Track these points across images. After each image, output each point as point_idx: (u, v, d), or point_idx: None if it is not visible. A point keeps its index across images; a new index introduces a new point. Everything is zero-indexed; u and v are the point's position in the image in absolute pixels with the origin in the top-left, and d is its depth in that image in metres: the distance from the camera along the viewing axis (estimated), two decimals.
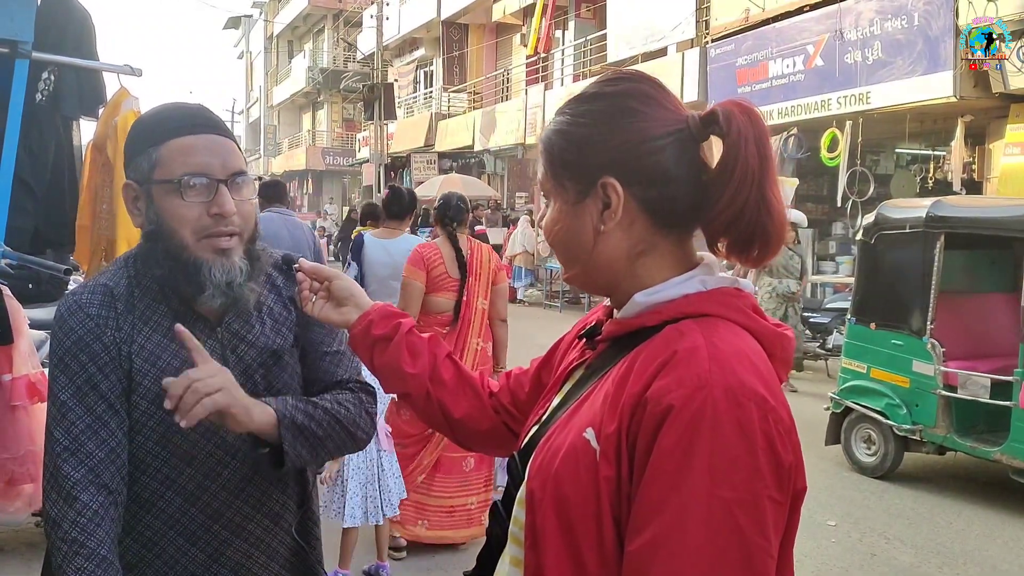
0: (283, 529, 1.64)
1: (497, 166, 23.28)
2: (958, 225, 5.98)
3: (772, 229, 1.11)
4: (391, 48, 29.07)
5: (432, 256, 4.69)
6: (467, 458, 4.73)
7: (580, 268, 1.19)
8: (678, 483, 0.98)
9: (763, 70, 12.60)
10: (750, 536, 0.97)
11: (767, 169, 1.10)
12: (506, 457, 1.31)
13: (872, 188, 11.74)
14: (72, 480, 1.44)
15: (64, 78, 3.81)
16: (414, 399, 1.48)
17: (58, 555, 1.44)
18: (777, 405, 1.02)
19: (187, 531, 1.55)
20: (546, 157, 1.19)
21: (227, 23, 53.89)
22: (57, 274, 3.59)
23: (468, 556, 4.48)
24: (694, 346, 1.04)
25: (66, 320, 1.51)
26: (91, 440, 1.46)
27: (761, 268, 12.09)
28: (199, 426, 1.48)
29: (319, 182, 41.69)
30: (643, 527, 0.99)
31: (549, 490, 1.07)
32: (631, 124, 1.12)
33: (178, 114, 1.55)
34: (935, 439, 5.95)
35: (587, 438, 1.06)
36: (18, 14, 2.90)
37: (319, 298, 1.54)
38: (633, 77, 1.18)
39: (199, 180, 1.49)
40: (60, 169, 3.93)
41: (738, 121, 1.10)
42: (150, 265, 1.54)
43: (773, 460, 1.00)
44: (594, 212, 1.14)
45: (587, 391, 1.15)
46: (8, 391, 3.37)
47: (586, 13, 19.78)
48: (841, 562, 4.84)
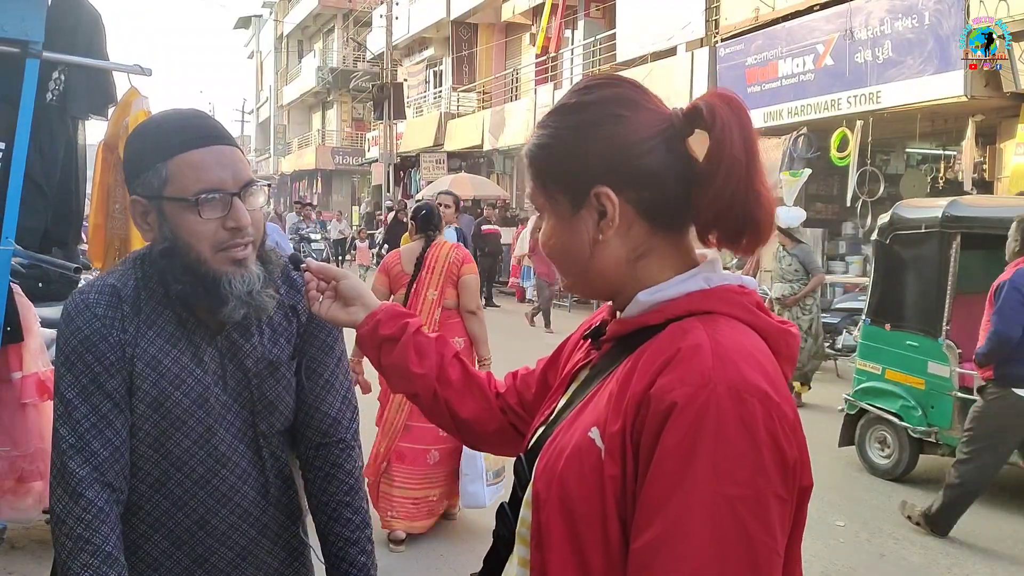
0: (270, 540, 1.64)
1: (506, 166, 23.28)
2: (974, 225, 5.95)
3: (761, 218, 1.11)
4: (400, 48, 29.08)
5: (391, 260, 5.06)
6: (431, 451, 4.82)
7: (580, 278, 1.19)
8: (682, 480, 0.97)
9: (773, 69, 12.57)
10: (755, 533, 0.97)
11: (753, 158, 1.10)
12: (512, 456, 1.31)
13: (882, 188, 11.70)
14: (77, 477, 1.45)
15: (74, 78, 3.82)
16: (421, 399, 1.48)
17: (63, 551, 1.45)
18: (781, 401, 1.02)
19: (172, 535, 1.56)
20: (533, 172, 1.19)
21: (237, 23, 54.07)
22: (67, 272, 3.61)
23: (468, 549, 4.47)
24: (697, 343, 1.03)
25: (73, 319, 1.51)
26: (96, 439, 1.48)
27: (755, 264, 11.68)
28: (191, 433, 1.51)
29: (328, 181, 41.75)
30: (647, 525, 0.99)
31: (554, 490, 1.07)
32: (616, 131, 1.12)
33: (182, 127, 1.53)
34: (950, 441, 5.87)
35: (592, 437, 1.06)
36: (29, 14, 2.91)
37: (326, 298, 1.54)
38: (611, 82, 1.17)
39: (214, 196, 1.48)
40: (69, 168, 3.95)
41: (721, 113, 1.10)
42: (168, 280, 1.53)
43: (778, 457, 0.99)
44: (590, 223, 1.14)
45: (592, 391, 1.15)
46: (19, 389, 3.39)
47: (595, 13, 19.76)
48: (850, 562, 4.82)
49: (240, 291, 1.50)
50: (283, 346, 1.64)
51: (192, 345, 1.55)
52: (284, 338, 1.65)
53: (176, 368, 1.53)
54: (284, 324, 1.66)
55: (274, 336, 1.64)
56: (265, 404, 1.61)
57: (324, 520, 1.69)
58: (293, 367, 1.66)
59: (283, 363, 1.64)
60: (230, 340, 1.59)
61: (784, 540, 1.02)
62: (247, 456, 1.59)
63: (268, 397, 1.62)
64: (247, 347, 1.60)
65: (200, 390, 1.54)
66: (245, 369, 1.59)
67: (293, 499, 1.70)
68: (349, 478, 1.71)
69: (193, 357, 1.55)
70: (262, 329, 1.62)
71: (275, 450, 1.66)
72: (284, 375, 1.64)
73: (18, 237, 3.13)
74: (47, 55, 3.11)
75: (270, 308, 1.56)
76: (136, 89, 4.06)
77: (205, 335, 1.57)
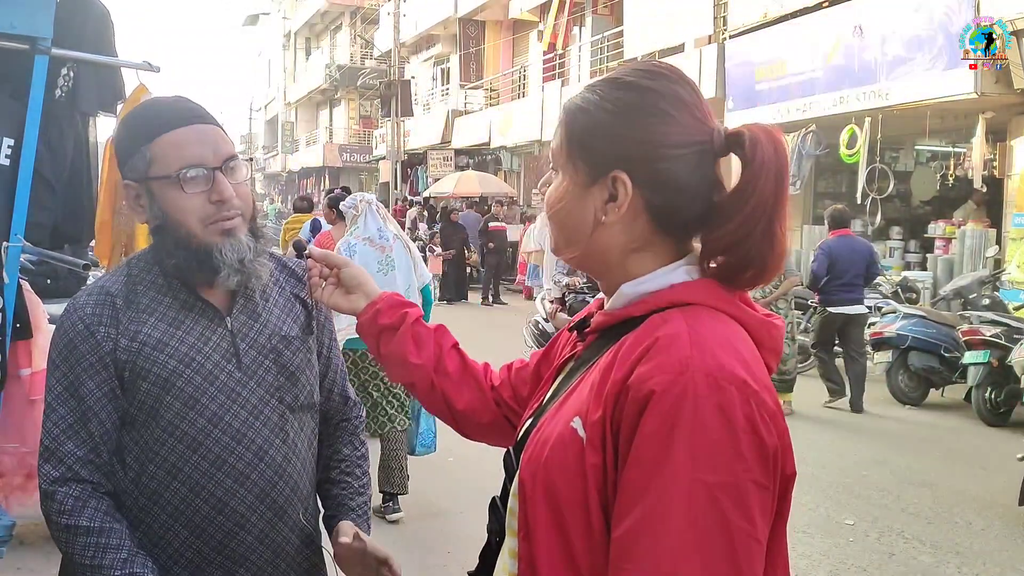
0: (286, 524, 1.65)
1: (513, 163, 23.28)
2: None
3: (770, 260, 1.11)
4: (408, 45, 29.10)
5: (325, 239, 6.22)
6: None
7: (575, 250, 1.19)
8: (660, 468, 0.98)
9: (781, 67, 12.52)
10: (733, 520, 0.97)
11: (780, 201, 1.10)
12: (503, 447, 1.32)
13: (891, 185, 11.66)
14: (50, 478, 1.54)
15: (83, 74, 3.82)
16: (418, 388, 1.51)
17: (62, 544, 1.54)
18: (760, 389, 1.02)
19: (191, 523, 1.58)
20: (566, 130, 1.18)
21: (245, 20, 54.20)
22: (76, 269, 3.61)
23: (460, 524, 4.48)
24: (676, 332, 1.04)
25: (61, 324, 1.59)
26: (71, 440, 1.54)
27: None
28: (205, 411, 1.55)
29: (336, 179, 41.77)
30: (627, 513, 1.00)
31: (539, 480, 1.08)
32: (656, 125, 1.11)
33: (163, 110, 1.60)
34: None
35: (574, 427, 1.07)
36: (38, 11, 2.92)
37: (329, 284, 1.58)
38: (672, 76, 1.16)
39: (196, 171, 1.54)
40: (78, 165, 3.95)
41: (763, 151, 1.09)
42: (162, 256, 1.60)
43: (756, 443, 1.00)
44: (599, 200, 1.14)
45: (575, 382, 1.16)
46: (27, 385, 3.40)
47: (603, 9, 19.72)
48: (859, 562, 4.80)
49: (232, 259, 1.56)
50: (290, 324, 1.70)
51: (199, 326, 1.60)
52: (291, 317, 1.70)
53: (184, 348, 1.57)
54: (288, 306, 1.71)
55: (281, 315, 1.69)
56: (287, 376, 1.66)
57: (336, 474, 1.80)
58: (309, 344, 1.72)
59: (297, 337, 1.69)
60: (240, 321, 1.63)
61: (765, 527, 1.02)
62: (262, 433, 1.61)
63: (289, 368, 1.66)
64: (257, 325, 1.65)
65: (210, 366, 1.58)
66: (259, 346, 1.64)
67: (308, 481, 1.72)
68: (361, 447, 1.86)
69: (200, 336, 1.59)
70: (270, 308, 1.67)
71: (303, 426, 1.70)
72: (299, 348, 1.69)
73: (27, 234, 3.14)
74: (56, 52, 3.11)
75: (264, 275, 1.62)
76: (145, 86, 4.06)
77: (214, 317, 1.61)
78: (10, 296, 3.10)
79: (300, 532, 1.70)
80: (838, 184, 14.04)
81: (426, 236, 21.37)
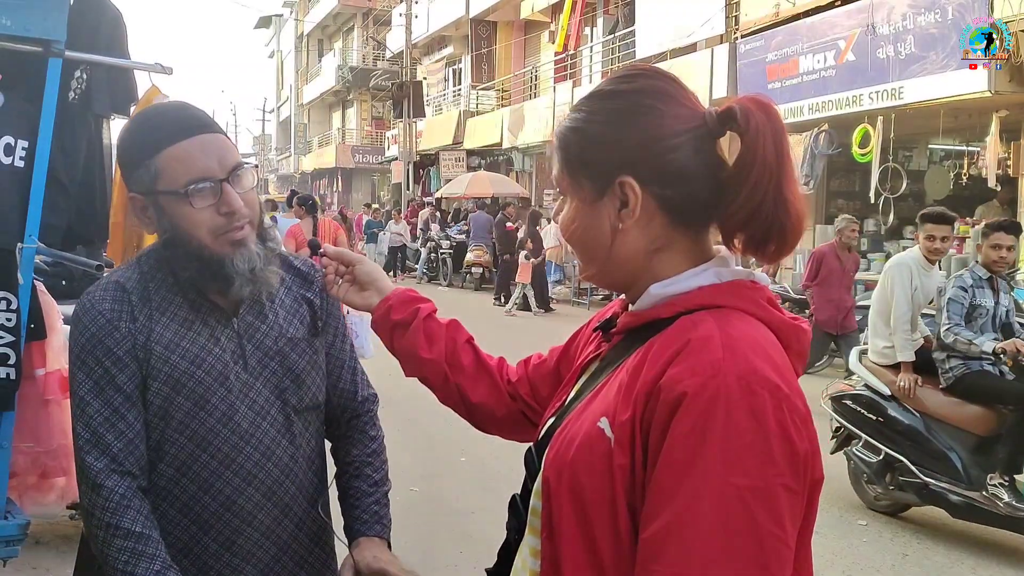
0: (292, 522, 1.67)
1: (525, 163, 23.26)
2: None
3: (789, 226, 1.11)
4: (420, 46, 29.16)
5: (297, 230, 8.12)
6: None
7: (598, 266, 1.19)
8: (690, 470, 0.98)
9: (793, 66, 12.48)
10: (763, 524, 0.97)
11: (784, 165, 1.10)
12: (522, 442, 1.33)
13: (905, 184, 11.59)
14: (95, 470, 1.52)
15: (96, 77, 3.85)
16: (432, 382, 1.52)
17: (97, 542, 1.52)
18: (791, 394, 1.02)
19: (199, 519, 1.59)
20: (562, 155, 1.19)
21: (258, 22, 54.29)
22: (90, 270, 3.63)
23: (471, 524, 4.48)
24: (707, 335, 1.04)
25: (80, 319, 1.58)
26: (109, 432, 1.53)
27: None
28: (215, 411, 1.57)
29: (348, 180, 41.93)
30: (656, 515, 0.99)
31: (565, 479, 1.08)
32: (648, 122, 1.12)
33: (166, 120, 1.59)
34: None
35: (601, 427, 1.07)
36: (51, 14, 2.93)
37: (344, 281, 1.59)
38: (650, 73, 1.17)
39: (203, 185, 1.54)
40: (92, 167, 3.97)
41: (756, 118, 1.10)
42: (176, 269, 1.60)
43: (787, 448, 1.00)
44: (611, 211, 1.14)
45: (602, 382, 1.16)
46: (41, 385, 3.42)
47: (615, 9, 19.71)
48: (872, 562, 4.79)
49: (243, 269, 1.56)
50: (297, 326, 1.70)
51: (208, 327, 1.61)
52: (297, 319, 1.71)
53: (195, 348, 1.59)
54: (295, 307, 1.72)
55: (288, 316, 1.70)
56: (292, 378, 1.67)
57: (346, 478, 1.79)
58: (316, 346, 1.73)
59: (303, 339, 1.70)
60: (246, 322, 1.65)
61: (794, 532, 1.02)
62: (269, 434, 1.63)
63: (294, 371, 1.68)
64: (264, 327, 1.66)
65: (220, 367, 1.60)
66: (265, 348, 1.65)
67: (314, 479, 1.73)
68: (372, 443, 1.83)
69: (210, 337, 1.61)
70: (276, 310, 1.68)
71: (308, 425, 1.71)
72: (306, 351, 1.70)
73: (41, 235, 3.16)
74: (69, 54, 3.13)
75: (274, 283, 1.63)
76: (157, 88, 4.08)
77: (221, 318, 1.63)
78: (25, 297, 3.12)
79: (309, 530, 1.71)
80: (851, 183, 13.96)
81: (438, 237, 21.35)
